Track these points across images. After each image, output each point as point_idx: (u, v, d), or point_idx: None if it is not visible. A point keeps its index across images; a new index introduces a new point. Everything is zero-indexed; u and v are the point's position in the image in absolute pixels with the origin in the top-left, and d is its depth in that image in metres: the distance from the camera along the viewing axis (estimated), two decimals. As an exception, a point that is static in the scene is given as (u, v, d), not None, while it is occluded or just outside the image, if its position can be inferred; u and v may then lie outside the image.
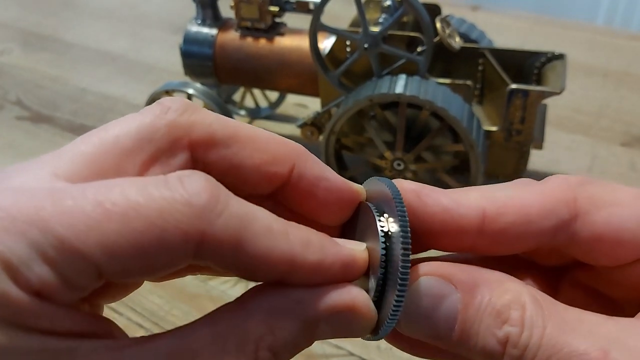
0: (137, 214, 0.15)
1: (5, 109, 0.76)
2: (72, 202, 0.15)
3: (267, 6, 0.56)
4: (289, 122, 0.71)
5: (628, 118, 0.70)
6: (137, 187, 0.15)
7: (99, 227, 0.15)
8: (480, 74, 0.58)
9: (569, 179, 0.20)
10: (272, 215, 0.17)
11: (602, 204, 0.19)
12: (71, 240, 0.14)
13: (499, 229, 0.19)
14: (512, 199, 0.19)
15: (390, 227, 0.18)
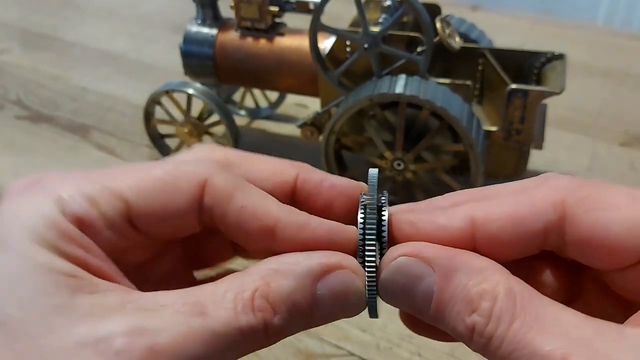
0: (157, 165, 0.20)
1: (5, 108, 0.76)
2: (115, 168, 0.21)
3: (267, 6, 0.56)
4: (289, 122, 0.71)
5: (628, 118, 0.70)
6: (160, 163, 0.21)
7: (128, 175, 0.20)
8: (480, 74, 0.58)
9: (560, 181, 0.20)
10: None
11: (591, 207, 0.19)
12: (108, 184, 0.19)
13: (490, 235, 0.19)
14: (500, 205, 0.20)
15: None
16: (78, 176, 0.20)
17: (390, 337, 0.45)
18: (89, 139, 0.70)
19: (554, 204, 0.19)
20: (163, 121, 0.61)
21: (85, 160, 0.66)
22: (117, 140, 0.69)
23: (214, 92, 0.59)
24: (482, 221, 0.19)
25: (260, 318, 0.18)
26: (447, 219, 0.20)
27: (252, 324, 0.18)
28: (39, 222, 0.18)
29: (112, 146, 0.68)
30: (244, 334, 0.18)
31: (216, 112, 0.58)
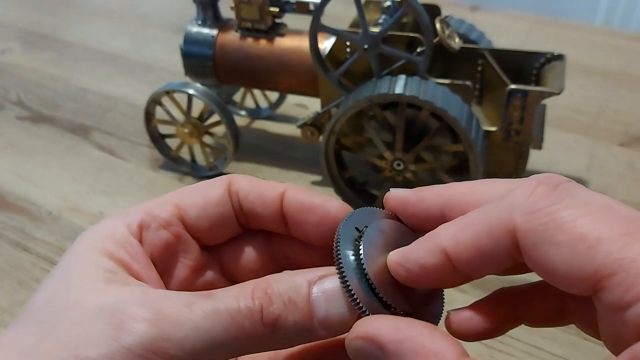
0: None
1: (5, 108, 0.76)
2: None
3: (267, 7, 0.56)
4: (289, 122, 0.71)
5: (627, 118, 0.70)
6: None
7: (179, 191, 0.25)
8: (480, 74, 0.58)
9: (517, 198, 0.20)
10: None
11: (537, 242, 0.19)
12: (163, 198, 0.25)
13: (462, 262, 0.20)
14: (465, 230, 0.20)
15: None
16: (144, 203, 0.25)
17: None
18: (89, 139, 0.70)
19: (508, 232, 0.19)
20: (164, 121, 0.61)
21: (85, 161, 0.66)
22: (118, 140, 0.70)
23: (214, 93, 0.59)
24: (453, 252, 0.20)
25: (257, 303, 0.21)
26: (426, 256, 0.21)
27: (250, 306, 0.20)
28: (102, 235, 0.23)
29: (113, 146, 0.69)
30: (242, 315, 0.20)
31: (216, 112, 0.58)
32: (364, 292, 0.21)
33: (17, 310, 0.49)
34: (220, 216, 0.25)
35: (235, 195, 0.25)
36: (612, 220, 0.18)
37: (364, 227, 0.23)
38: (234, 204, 0.25)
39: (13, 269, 0.53)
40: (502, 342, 0.45)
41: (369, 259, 0.22)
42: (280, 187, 0.25)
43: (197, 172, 0.63)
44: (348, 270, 0.22)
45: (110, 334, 0.19)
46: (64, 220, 0.58)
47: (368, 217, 0.24)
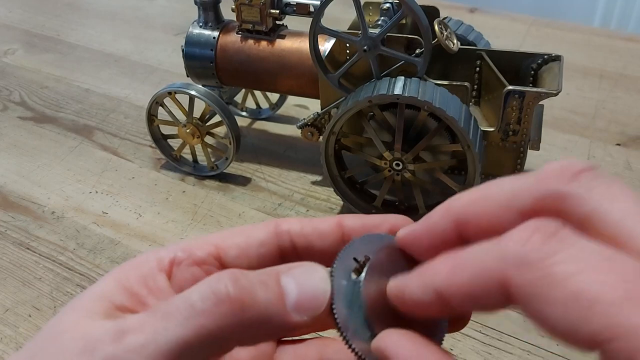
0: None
1: (9, 109, 0.77)
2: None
3: (268, 9, 0.57)
4: (290, 123, 0.72)
5: (623, 118, 0.71)
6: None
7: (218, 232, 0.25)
8: (478, 75, 0.59)
9: (508, 257, 0.18)
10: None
11: (533, 297, 0.17)
12: (203, 237, 0.25)
13: (459, 304, 0.20)
14: (459, 272, 0.20)
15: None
16: (185, 240, 0.25)
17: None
18: (92, 140, 0.71)
19: (500, 284, 0.18)
20: (165, 122, 0.62)
21: (88, 161, 0.67)
22: (120, 140, 0.70)
23: (215, 94, 0.59)
24: (446, 293, 0.20)
25: (222, 283, 0.20)
26: (419, 293, 0.21)
27: (213, 287, 0.20)
28: (131, 269, 0.23)
29: (115, 146, 0.69)
30: (203, 298, 0.20)
31: (218, 113, 0.59)
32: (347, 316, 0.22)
33: (20, 309, 0.49)
34: (262, 257, 0.24)
35: (287, 235, 0.24)
36: (612, 277, 0.16)
37: (364, 258, 0.23)
38: (283, 244, 0.24)
39: (16, 268, 0.53)
40: (500, 340, 0.46)
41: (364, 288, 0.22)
42: (333, 219, 0.24)
43: (198, 172, 0.64)
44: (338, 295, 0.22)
45: (81, 355, 0.19)
46: (67, 220, 0.59)
47: (369, 246, 0.23)
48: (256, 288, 0.21)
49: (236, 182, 0.63)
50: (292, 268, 0.22)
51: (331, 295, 0.22)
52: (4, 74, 0.85)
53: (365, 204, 0.57)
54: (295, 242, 0.24)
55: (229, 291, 0.20)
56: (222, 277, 0.21)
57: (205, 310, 0.20)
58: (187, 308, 0.20)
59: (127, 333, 0.20)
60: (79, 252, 0.55)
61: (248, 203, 0.60)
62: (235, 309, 0.20)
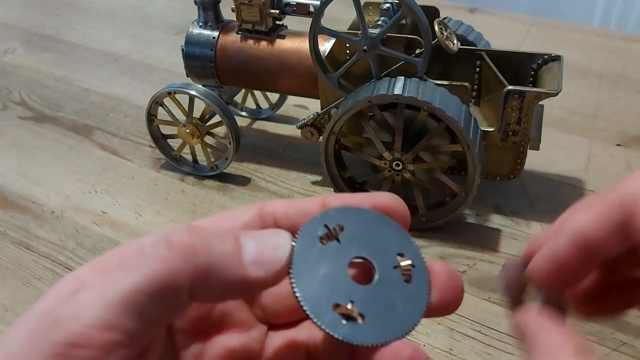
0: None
1: (9, 108, 0.77)
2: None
3: (268, 9, 0.57)
4: (290, 123, 0.72)
5: (623, 118, 0.71)
6: None
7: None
8: (478, 75, 0.59)
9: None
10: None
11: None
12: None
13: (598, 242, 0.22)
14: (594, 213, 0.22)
15: None
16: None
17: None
18: (92, 139, 0.71)
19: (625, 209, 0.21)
20: (165, 122, 0.62)
21: (88, 160, 0.67)
22: (120, 140, 0.70)
23: (215, 94, 0.59)
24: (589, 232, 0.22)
25: (175, 232, 0.20)
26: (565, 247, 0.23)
27: (165, 234, 0.20)
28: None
29: (115, 146, 0.69)
30: (155, 244, 0.20)
31: (218, 113, 0.59)
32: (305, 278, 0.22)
33: (19, 308, 0.49)
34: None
35: (270, 216, 0.24)
36: None
37: (337, 226, 0.23)
38: (267, 226, 0.24)
39: (16, 267, 0.53)
40: (500, 341, 0.46)
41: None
42: (317, 198, 0.24)
43: (198, 172, 0.64)
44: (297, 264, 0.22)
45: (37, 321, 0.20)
46: (67, 220, 0.59)
47: (345, 217, 0.23)
48: (212, 238, 0.21)
49: (236, 182, 0.63)
50: (255, 232, 0.22)
51: (291, 254, 0.22)
52: (3, 74, 0.85)
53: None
54: (279, 224, 0.24)
55: (182, 238, 0.20)
56: (176, 227, 0.20)
57: (156, 255, 0.20)
58: (138, 255, 0.20)
59: (80, 290, 0.19)
60: (78, 251, 0.55)
61: (248, 203, 0.60)
62: (188, 254, 0.20)
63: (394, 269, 0.23)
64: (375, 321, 0.21)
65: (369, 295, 0.22)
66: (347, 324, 0.21)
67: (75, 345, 0.19)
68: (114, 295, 0.19)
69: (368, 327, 0.21)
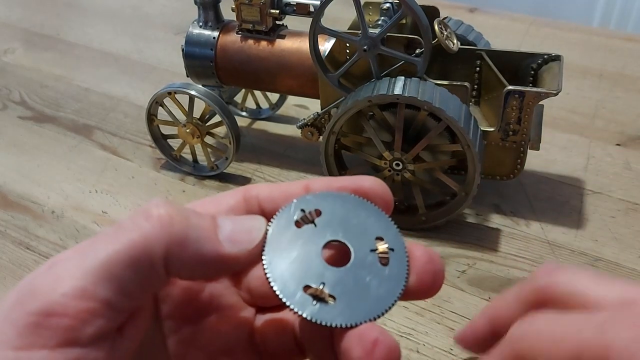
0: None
1: (8, 108, 0.77)
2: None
3: (268, 9, 0.57)
4: (290, 122, 0.72)
5: (623, 118, 0.71)
6: None
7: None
8: (478, 75, 0.59)
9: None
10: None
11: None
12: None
13: None
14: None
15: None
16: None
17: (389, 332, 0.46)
18: (92, 139, 0.71)
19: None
20: (165, 122, 0.62)
21: (88, 160, 0.67)
22: (120, 140, 0.70)
23: (215, 94, 0.59)
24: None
25: (154, 204, 0.21)
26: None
27: (144, 207, 0.21)
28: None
29: (115, 146, 0.69)
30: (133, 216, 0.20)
31: (218, 113, 0.59)
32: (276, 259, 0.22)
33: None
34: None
35: (255, 200, 0.24)
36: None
37: (314, 211, 0.23)
38: (251, 209, 0.24)
39: (16, 267, 0.53)
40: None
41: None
42: (301, 182, 0.24)
43: (198, 172, 0.64)
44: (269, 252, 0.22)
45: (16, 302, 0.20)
46: (67, 219, 0.59)
47: (323, 201, 0.24)
48: (189, 213, 0.21)
49: (236, 182, 0.63)
50: (232, 216, 0.22)
51: (265, 236, 0.22)
52: (3, 73, 0.85)
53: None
54: (263, 207, 0.24)
55: (160, 210, 0.20)
56: (156, 200, 0.21)
57: (133, 225, 0.20)
58: (115, 227, 0.20)
59: (57, 263, 0.20)
60: (78, 251, 0.55)
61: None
62: (164, 224, 0.20)
63: (371, 252, 0.23)
64: (347, 303, 0.21)
65: (342, 278, 0.22)
66: (317, 304, 0.21)
67: (50, 314, 0.19)
68: (90, 263, 0.19)
69: (338, 308, 0.21)
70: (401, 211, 0.57)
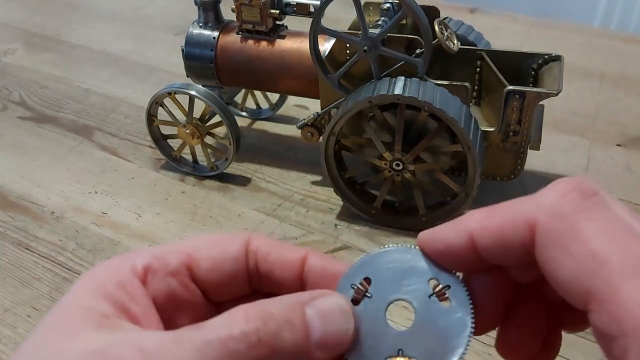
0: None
1: (8, 109, 0.77)
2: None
3: (268, 9, 0.57)
4: (290, 123, 0.72)
5: (624, 119, 0.71)
6: None
7: (192, 239, 0.25)
8: (478, 75, 0.59)
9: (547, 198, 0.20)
10: None
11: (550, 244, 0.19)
12: (174, 245, 0.24)
13: (483, 247, 0.21)
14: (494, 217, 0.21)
15: None
16: (155, 247, 0.25)
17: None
18: (92, 140, 0.71)
19: (529, 226, 0.20)
20: (165, 122, 0.62)
21: (88, 161, 0.67)
22: (120, 140, 0.70)
23: (215, 94, 0.59)
24: (477, 235, 0.21)
25: (253, 326, 0.20)
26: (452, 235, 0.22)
27: (244, 329, 0.20)
28: (104, 273, 0.22)
29: (115, 147, 0.69)
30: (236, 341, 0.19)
31: (218, 113, 0.59)
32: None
33: (19, 309, 0.49)
34: (233, 273, 0.24)
35: (254, 255, 0.24)
36: (629, 247, 0.18)
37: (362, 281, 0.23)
38: (249, 263, 0.24)
39: (16, 268, 0.53)
40: (499, 341, 0.46)
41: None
42: (301, 252, 0.24)
43: (198, 172, 0.64)
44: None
45: None
46: (67, 220, 0.58)
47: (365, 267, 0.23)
48: (284, 330, 0.20)
49: (236, 182, 0.63)
50: (315, 298, 0.22)
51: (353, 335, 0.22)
52: (3, 74, 0.85)
53: (365, 205, 0.57)
54: (259, 265, 0.24)
55: (260, 337, 0.20)
56: (251, 317, 0.20)
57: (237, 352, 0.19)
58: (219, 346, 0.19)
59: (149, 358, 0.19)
60: (78, 252, 0.55)
61: (248, 203, 0.60)
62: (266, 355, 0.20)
63: (430, 298, 0.22)
64: (428, 358, 0.22)
65: (414, 336, 0.22)
66: None
67: None
68: None
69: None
70: (401, 212, 0.57)
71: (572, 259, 0.18)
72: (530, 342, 0.23)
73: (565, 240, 0.19)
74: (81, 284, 0.22)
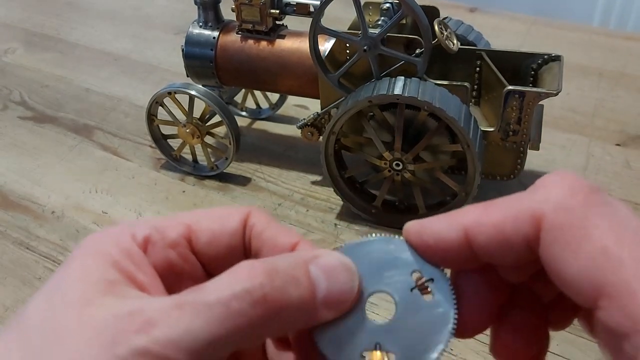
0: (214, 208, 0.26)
1: (9, 108, 0.77)
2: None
3: (268, 9, 0.57)
4: (290, 122, 0.72)
5: (623, 118, 0.71)
6: None
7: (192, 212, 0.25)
8: (478, 75, 0.59)
9: (551, 191, 0.20)
10: None
11: (556, 240, 0.19)
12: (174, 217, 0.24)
13: (483, 245, 0.20)
14: (492, 213, 0.20)
15: None
16: (155, 217, 0.24)
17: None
18: (92, 139, 0.71)
19: (534, 221, 0.19)
20: (165, 122, 0.62)
21: (88, 160, 0.67)
22: (120, 140, 0.70)
23: (215, 94, 0.59)
24: (473, 231, 0.20)
25: (257, 281, 0.19)
26: (445, 229, 0.21)
27: (247, 286, 0.19)
28: (108, 241, 0.22)
29: (115, 146, 0.69)
30: (239, 299, 0.19)
31: (218, 113, 0.59)
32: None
33: (20, 308, 0.49)
34: (230, 247, 0.24)
35: (250, 230, 0.24)
36: (636, 248, 0.18)
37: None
38: (245, 238, 0.24)
39: (16, 267, 0.53)
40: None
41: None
42: (294, 237, 0.23)
43: (198, 172, 0.64)
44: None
45: (103, 354, 0.18)
46: (67, 219, 0.59)
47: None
48: (289, 286, 0.20)
49: (236, 182, 0.63)
50: (318, 256, 0.21)
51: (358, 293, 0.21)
52: (4, 74, 0.85)
53: (365, 204, 0.57)
54: (251, 241, 0.24)
55: (265, 292, 0.19)
56: (256, 274, 0.20)
57: (241, 311, 0.19)
58: (221, 307, 0.19)
59: (153, 325, 0.19)
60: (79, 251, 0.55)
61: (248, 203, 0.60)
62: (271, 312, 0.19)
63: (412, 291, 0.22)
64: (407, 354, 0.21)
65: (393, 330, 0.21)
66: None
67: None
68: (195, 343, 0.19)
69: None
70: (401, 211, 0.57)
71: (582, 254, 0.18)
72: (526, 344, 0.22)
73: (575, 235, 0.18)
74: (84, 251, 0.21)
